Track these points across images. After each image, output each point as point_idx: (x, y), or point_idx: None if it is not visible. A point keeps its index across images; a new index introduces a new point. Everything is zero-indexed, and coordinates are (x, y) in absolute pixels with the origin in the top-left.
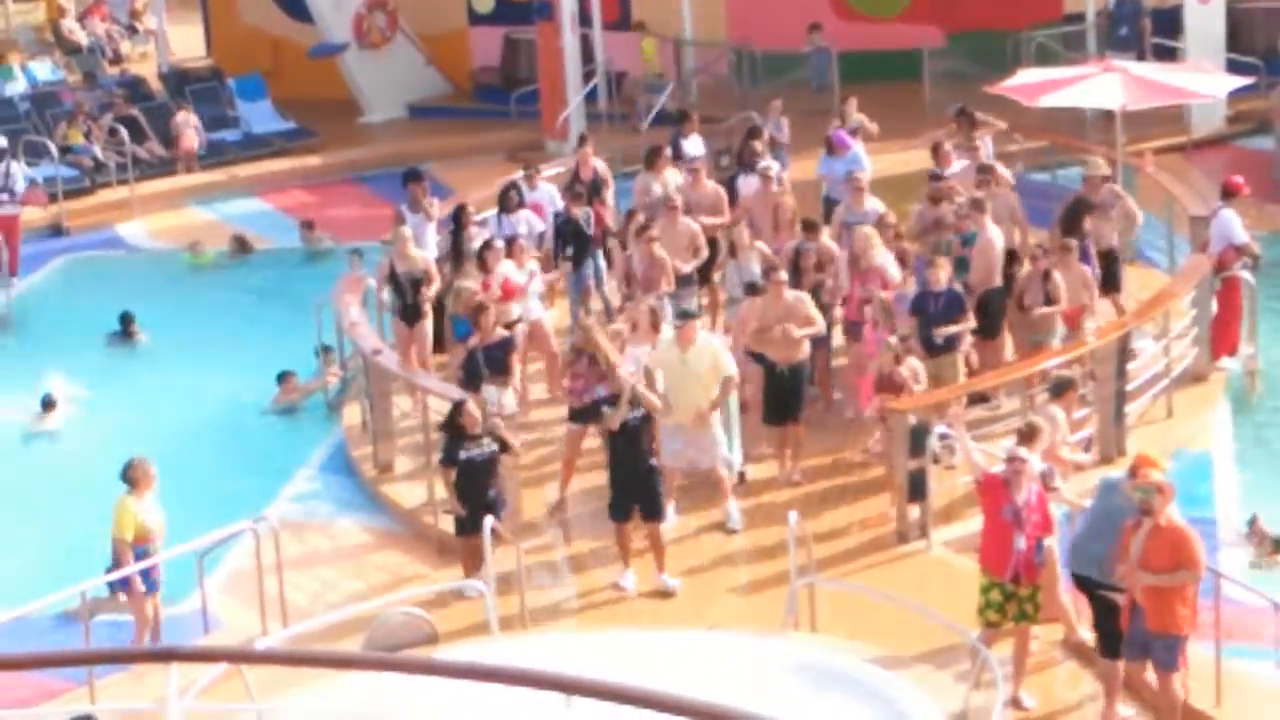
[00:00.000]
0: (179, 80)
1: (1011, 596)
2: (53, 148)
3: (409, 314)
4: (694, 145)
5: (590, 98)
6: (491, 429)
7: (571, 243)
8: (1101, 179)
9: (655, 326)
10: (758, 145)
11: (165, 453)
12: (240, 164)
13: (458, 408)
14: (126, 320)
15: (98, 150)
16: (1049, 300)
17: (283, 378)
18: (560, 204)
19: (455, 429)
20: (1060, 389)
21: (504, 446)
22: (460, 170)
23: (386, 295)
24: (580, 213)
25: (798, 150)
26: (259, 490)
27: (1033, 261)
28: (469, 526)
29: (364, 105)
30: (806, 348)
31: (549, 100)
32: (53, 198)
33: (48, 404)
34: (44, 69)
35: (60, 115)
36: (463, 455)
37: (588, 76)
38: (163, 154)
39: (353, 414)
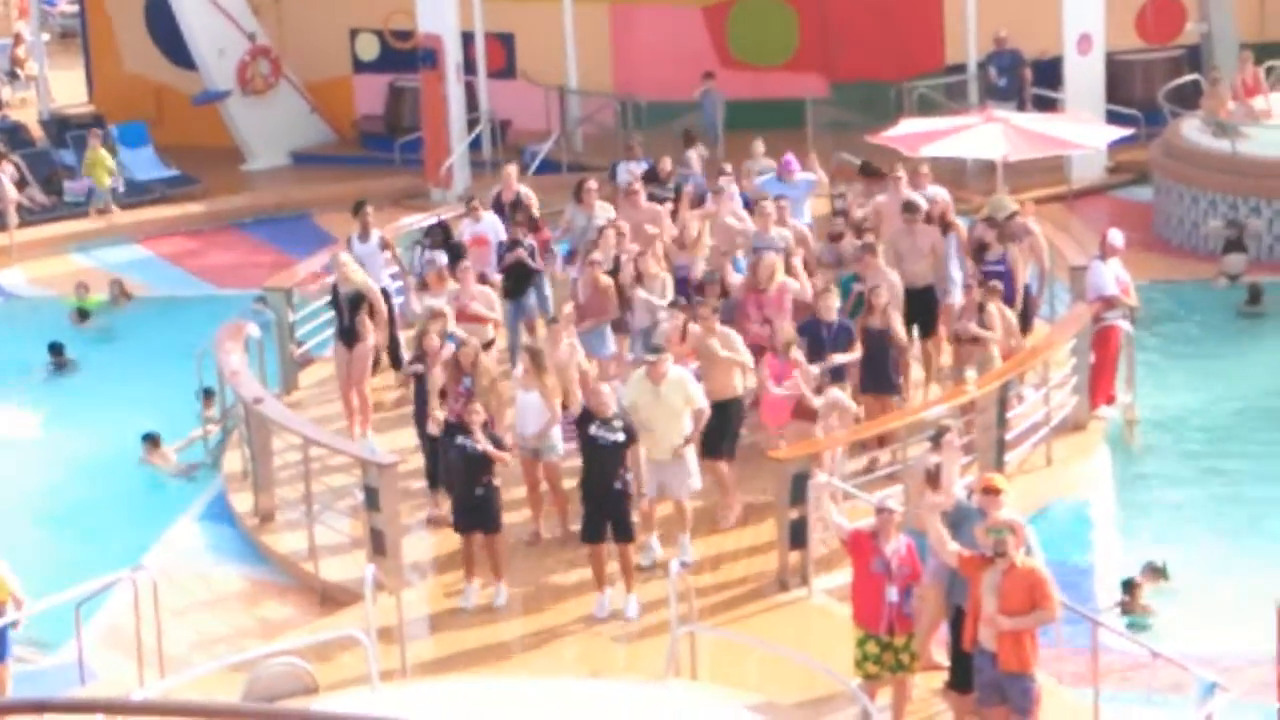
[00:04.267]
0: (60, 127)
1: (887, 647)
2: None
3: (348, 336)
4: (634, 168)
5: (474, 146)
6: (492, 437)
7: (511, 272)
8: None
9: (540, 368)
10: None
11: (42, 500)
12: (122, 211)
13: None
14: (55, 350)
15: None
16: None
17: (147, 440)
18: (504, 235)
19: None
20: (937, 437)
21: (499, 444)
22: (344, 217)
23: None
24: (524, 243)
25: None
26: (137, 539)
27: (965, 295)
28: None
29: (247, 153)
30: (739, 387)
31: (433, 148)
32: None
33: None
34: None
35: None
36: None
37: (472, 124)
38: (43, 200)
39: (233, 462)
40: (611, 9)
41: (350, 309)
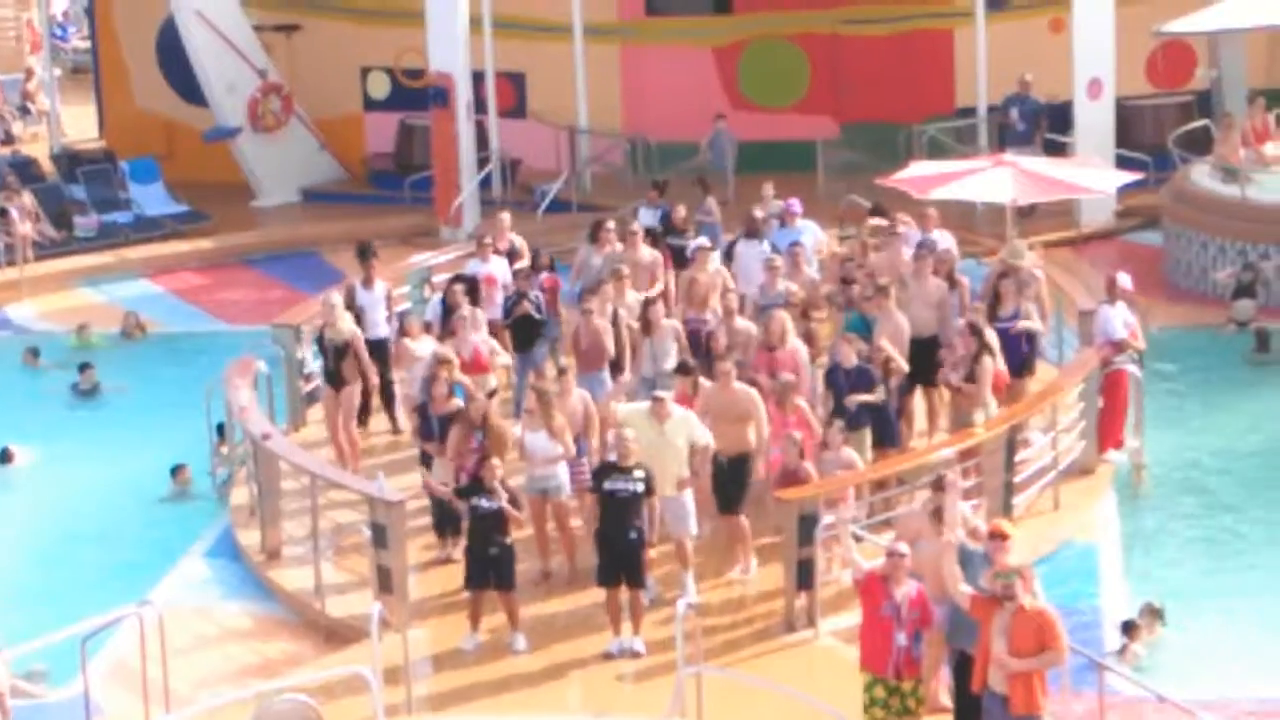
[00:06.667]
0: (70, 162)
1: (894, 692)
2: None
3: (333, 380)
4: (651, 215)
5: (484, 184)
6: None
7: (518, 326)
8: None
9: (547, 407)
10: (757, 213)
11: (49, 535)
12: (132, 246)
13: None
14: (84, 368)
15: None
16: (971, 381)
17: (176, 471)
18: (510, 277)
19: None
20: (939, 481)
21: (515, 502)
22: (353, 255)
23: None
24: (530, 295)
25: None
26: (144, 575)
27: (961, 343)
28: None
29: (257, 189)
30: (752, 440)
31: (443, 186)
32: None
33: (6, 456)
34: None
35: None
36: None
37: (482, 163)
38: (53, 235)
39: (240, 497)
40: (622, 49)
41: (335, 356)
